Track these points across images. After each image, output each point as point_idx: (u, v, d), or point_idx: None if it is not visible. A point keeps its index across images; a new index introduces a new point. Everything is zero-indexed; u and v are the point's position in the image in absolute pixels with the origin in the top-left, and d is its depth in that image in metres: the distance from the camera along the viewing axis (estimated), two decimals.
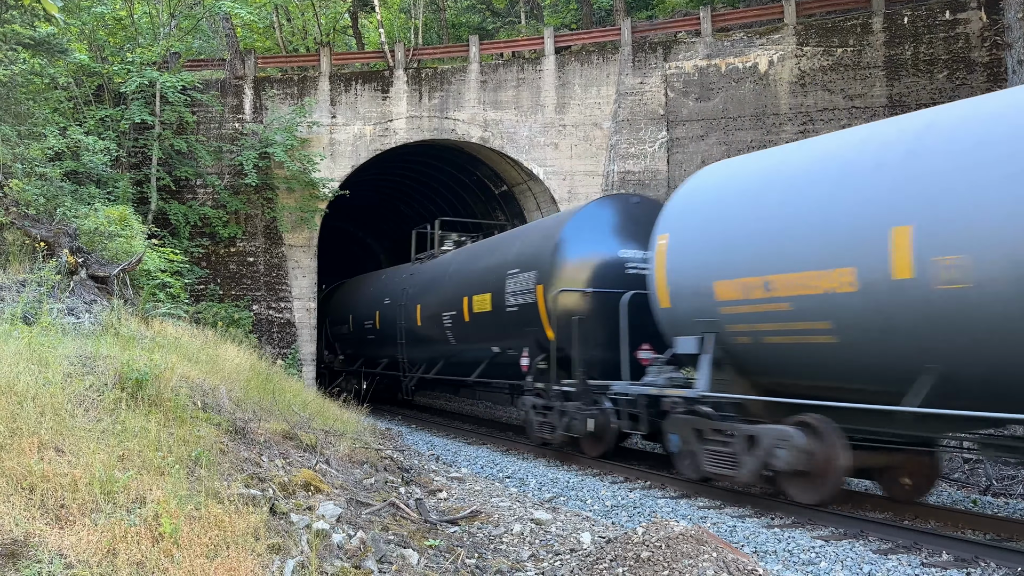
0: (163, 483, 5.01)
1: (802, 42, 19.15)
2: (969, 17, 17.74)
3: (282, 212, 20.65)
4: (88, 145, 16.90)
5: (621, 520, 8.51)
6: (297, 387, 13.26)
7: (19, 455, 4.79)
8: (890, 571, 6.54)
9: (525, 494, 9.48)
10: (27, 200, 13.47)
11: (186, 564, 4.12)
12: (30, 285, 10.17)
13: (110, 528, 4.28)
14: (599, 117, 20.62)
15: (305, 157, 20.23)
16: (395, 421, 19.66)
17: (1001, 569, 6.58)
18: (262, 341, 19.38)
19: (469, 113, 21.04)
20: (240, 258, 20.63)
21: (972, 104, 7.55)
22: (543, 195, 21.31)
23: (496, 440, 15.20)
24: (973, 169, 6.77)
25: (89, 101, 19.39)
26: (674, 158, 19.71)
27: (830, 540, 7.60)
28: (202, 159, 19.94)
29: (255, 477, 6.25)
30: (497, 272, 14.23)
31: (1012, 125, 6.69)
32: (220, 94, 20.77)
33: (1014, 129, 6.63)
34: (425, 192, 27.78)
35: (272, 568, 4.52)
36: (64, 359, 6.90)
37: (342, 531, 5.63)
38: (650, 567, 4.65)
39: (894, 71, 18.30)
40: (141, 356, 7.22)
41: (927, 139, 7.42)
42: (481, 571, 5.70)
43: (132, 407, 6.32)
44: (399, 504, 7.04)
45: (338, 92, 21.16)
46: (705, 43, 19.85)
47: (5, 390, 5.56)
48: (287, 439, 8.07)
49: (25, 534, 4.09)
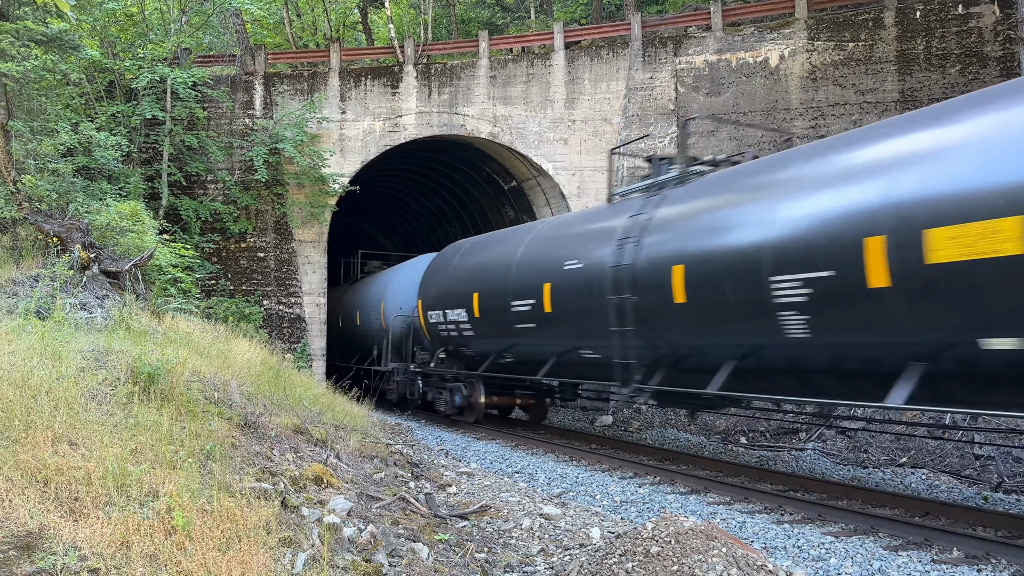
0: (175, 477, 5.04)
1: (813, 36, 19.05)
2: (982, 11, 17.61)
3: (292, 208, 20.72)
4: (100, 141, 16.99)
5: (630, 515, 8.52)
6: (307, 382, 13.31)
7: (33, 448, 4.83)
8: (900, 567, 6.52)
9: (534, 489, 9.50)
10: (40, 196, 13.56)
11: (198, 557, 4.15)
12: (43, 280, 10.24)
13: (123, 521, 4.32)
14: (609, 112, 20.58)
15: (315, 153, 20.28)
16: (404, 416, 19.72)
17: (1012, 566, 6.56)
18: (272, 336, 19.47)
19: (478, 108, 21.04)
20: (251, 253, 20.71)
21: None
22: (552, 190, 21.30)
23: (505, 435, 15.22)
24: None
25: (101, 97, 19.48)
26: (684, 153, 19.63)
27: (840, 536, 7.58)
28: (213, 155, 20.02)
29: (266, 471, 6.28)
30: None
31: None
32: (230, 90, 20.83)
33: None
34: (434, 188, 27.81)
35: (284, 561, 4.54)
36: (77, 354, 6.95)
37: (353, 525, 5.66)
38: (659, 562, 4.66)
39: (906, 66, 18.19)
40: (153, 351, 7.27)
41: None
42: (491, 565, 5.71)
43: (144, 401, 6.37)
44: (409, 499, 7.07)
45: (348, 88, 21.18)
46: (715, 38, 19.77)
47: (19, 384, 5.60)
48: (298, 433, 8.11)
49: (40, 526, 4.13)
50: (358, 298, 24.00)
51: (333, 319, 25.41)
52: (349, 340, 24.34)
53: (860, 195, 7.32)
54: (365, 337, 22.63)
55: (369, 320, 22.04)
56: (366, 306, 22.55)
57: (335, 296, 25.69)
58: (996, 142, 6.40)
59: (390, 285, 20.92)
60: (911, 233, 6.71)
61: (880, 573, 6.41)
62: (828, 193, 7.78)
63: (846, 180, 7.66)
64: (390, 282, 21.18)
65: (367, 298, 22.83)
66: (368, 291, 23.16)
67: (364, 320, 22.68)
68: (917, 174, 6.92)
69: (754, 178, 9.25)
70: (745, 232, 8.68)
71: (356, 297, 24.36)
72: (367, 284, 23.94)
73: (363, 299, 23.29)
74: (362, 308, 23.04)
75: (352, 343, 24.08)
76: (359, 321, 23.40)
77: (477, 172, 24.58)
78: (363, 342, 22.85)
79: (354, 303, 24.23)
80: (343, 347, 24.71)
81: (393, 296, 20.24)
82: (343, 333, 24.75)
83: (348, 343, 24.52)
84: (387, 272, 23.03)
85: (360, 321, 23.23)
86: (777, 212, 8.29)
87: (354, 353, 23.84)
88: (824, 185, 7.92)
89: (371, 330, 21.90)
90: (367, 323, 22.33)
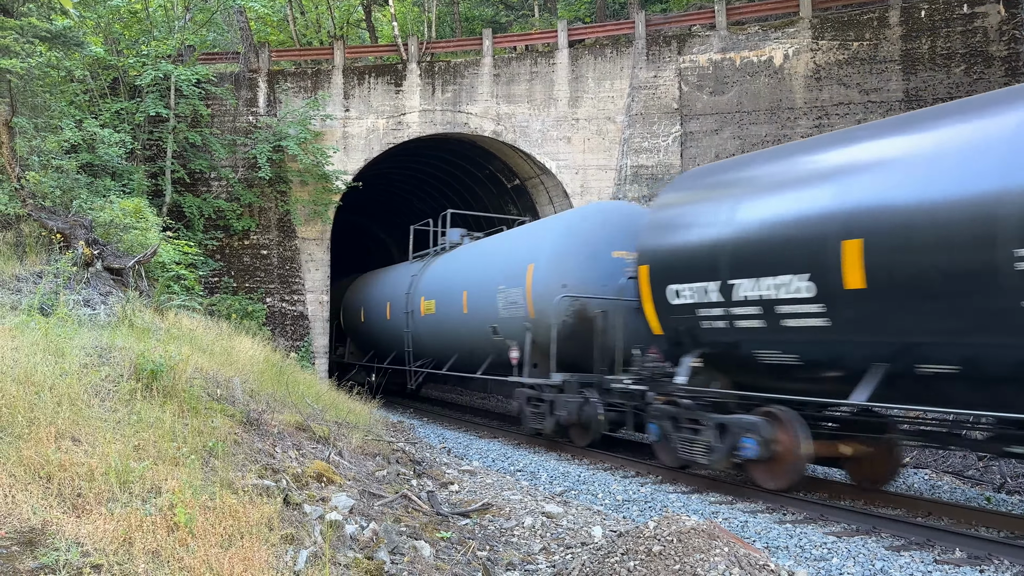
0: (178, 473, 5.05)
1: (818, 36, 19.01)
2: (987, 11, 17.55)
3: (295, 205, 20.73)
4: (103, 138, 17.00)
5: (632, 514, 8.51)
6: (310, 379, 13.32)
7: (37, 444, 4.84)
8: (903, 567, 6.51)
9: (536, 488, 9.50)
10: (44, 192, 13.58)
11: (201, 553, 4.15)
12: (47, 276, 10.26)
13: (126, 517, 4.32)
14: (612, 111, 20.56)
15: (318, 150, 20.28)
16: (407, 414, 19.73)
17: (1015, 567, 6.54)
18: (275, 333, 19.48)
19: (482, 107, 21.03)
20: (254, 251, 20.73)
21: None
22: (556, 189, 21.28)
23: (508, 434, 15.22)
24: None
25: (104, 94, 19.50)
26: (687, 152, 19.64)
27: (842, 536, 7.58)
28: (216, 152, 20.03)
29: (269, 468, 6.29)
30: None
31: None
32: (234, 87, 20.84)
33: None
34: (437, 186, 27.80)
35: (286, 558, 4.55)
36: (80, 350, 6.97)
37: (355, 522, 5.67)
38: (661, 561, 4.65)
39: (911, 65, 18.14)
40: (156, 347, 7.28)
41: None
42: (492, 563, 5.72)
43: (147, 398, 6.38)
44: (411, 496, 7.07)
45: (351, 85, 21.18)
46: (720, 36, 19.74)
47: (23, 380, 5.62)
48: (300, 431, 8.12)
49: (43, 522, 4.14)
50: (449, 277, 17.45)
51: (352, 313, 24.27)
52: (427, 336, 18.56)
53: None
54: (458, 332, 16.64)
55: (478, 306, 15.41)
56: (479, 285, 15.54)
57: (367, 281, 23.06)
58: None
59: (542, 248, 13.62)
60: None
61: (882, 573, 6.40)
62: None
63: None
64: (540, 245, 13.80)
65: (478, 272, 15.98)
66: (477, 263, 16.28)
67: (469, 306, 15.94)
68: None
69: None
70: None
71: (445, 275, 17.72)
72: (469, 254, 17.23)
73: (465, 276, 16.58)
74: (463, 289, 16.25)
75: (426, 340, 18.50)
76: (435, 311, 17.51)
77: (480, 171, 24.57)
78: (455, 339, 16.84)
79: (440, 284, 17.82)
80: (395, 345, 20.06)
81: (552, 266, 13.06)
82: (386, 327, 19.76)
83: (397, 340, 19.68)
84: (514, 233, 16.31)
85: (442, 311, 17.22)
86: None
87: (427, 355, 18.76)
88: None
89: (476, 321, 15.43)
90: (475, 310, 15.55)
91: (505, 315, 14.24)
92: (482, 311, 15.14)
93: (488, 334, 14.93)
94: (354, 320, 24.67)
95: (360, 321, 23.95)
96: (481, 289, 15.30)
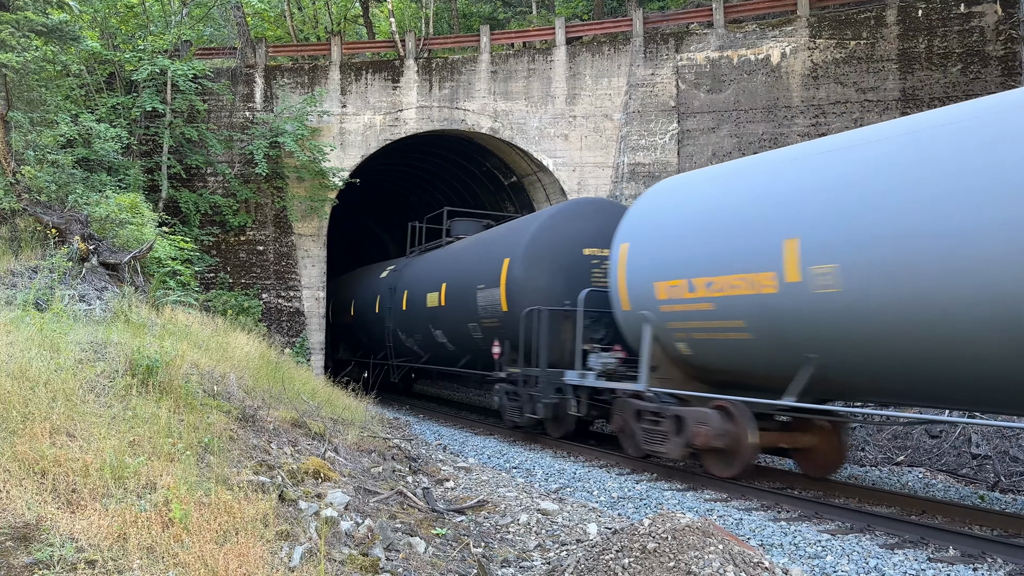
0: (173, 469, 5.04)
1: (815, 34, 19.02)
2: (984, 10, 17.58)
3: (292, 201, 20.70)
4: (100, 133, 16.96)
5: (627, 511, 8.53)
6: (306, 376, 13.32)
7: (31, 440, 4.83)
8: (896, 565, 6.54)
9: (532, 484, 9.51)
10: (39, 187, 13.55)
11: (195, 549, 4.15)
12: (42, 271, 10.24)
13: (121, 513, 4.32)
14: (610, 108, 20.56)
15: (315, 147, 20.25)
16: (403, 411, 19.73)
17: (1008, 565, 6.57)
18: (271, 330, 19.46)
19: (479, 104, 21.01)
20: (250, 247, 20.70)
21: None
22: (553, 186, 21.28)
23: (503, 430, 15.23)
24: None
25: (101, 89, 19.44)
26: (684, 150, 19.65)
27: (836, 534, 7.60)
28: (213, 148, 19.99)
29: (264, 464, 6.28)
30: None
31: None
32: (231, 83, 20.79)
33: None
34: (434, 182, 27.77)
35: (281, 554, 4.55)
36: (75, 345, 6.96)
37: (350, 519, 5.67)
38: (656, 558, 4.66)
39: (907, 64, 18.17)
40: (152, 343, 7.27)
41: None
42: (488, 560, 5.72)
43: (143, 393, 6.37)
44: (406, 493, 7.08)
45: (348, 81, 21.15)
46: (717, 34, 19.74)
47: (17, 375, 5.60)
48: (296, 427, 8.11)
49: (37, 518, 4.13)
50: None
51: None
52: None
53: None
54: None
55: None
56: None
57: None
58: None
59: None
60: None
61: (876, 571, 6.42)
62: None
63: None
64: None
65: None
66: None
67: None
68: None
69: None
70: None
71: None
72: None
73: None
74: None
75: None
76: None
77: (477, 167, 24.55)
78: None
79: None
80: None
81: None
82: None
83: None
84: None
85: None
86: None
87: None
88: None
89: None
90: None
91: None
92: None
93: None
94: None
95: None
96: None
